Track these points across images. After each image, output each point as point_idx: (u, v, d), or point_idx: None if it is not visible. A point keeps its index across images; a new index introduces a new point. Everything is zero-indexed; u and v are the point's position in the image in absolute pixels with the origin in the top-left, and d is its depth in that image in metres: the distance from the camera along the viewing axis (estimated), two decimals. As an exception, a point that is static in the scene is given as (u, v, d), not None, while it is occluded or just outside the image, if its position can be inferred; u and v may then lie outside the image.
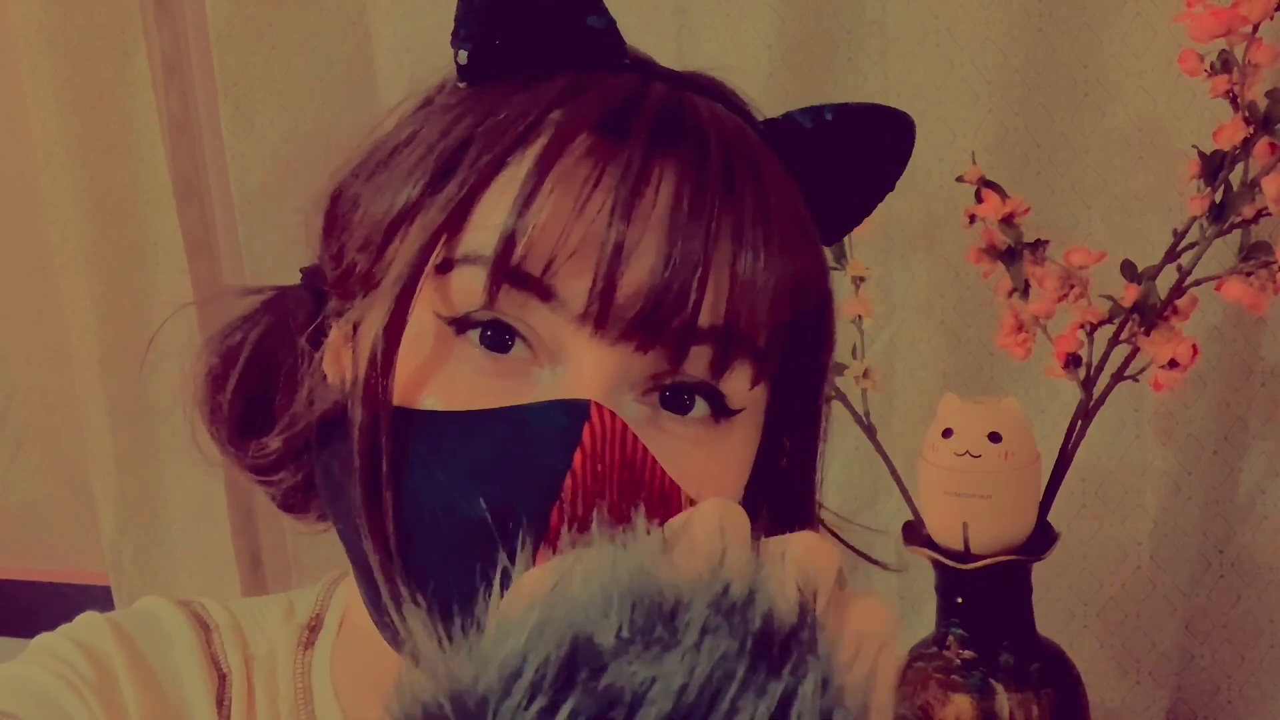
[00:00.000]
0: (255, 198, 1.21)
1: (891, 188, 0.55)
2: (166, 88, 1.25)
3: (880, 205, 0.56)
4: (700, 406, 0.47)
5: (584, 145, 0.46)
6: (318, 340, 0.53)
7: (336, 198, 0.53)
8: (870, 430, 0.95)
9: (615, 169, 0.45)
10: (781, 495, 0.53)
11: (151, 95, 1.23)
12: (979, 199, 0.89)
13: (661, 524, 0.35)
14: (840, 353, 0.95)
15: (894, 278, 1.06)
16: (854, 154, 0.53)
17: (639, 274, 0.44)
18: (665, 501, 0.45)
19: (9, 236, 1.40)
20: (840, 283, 0.95)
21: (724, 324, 0.46)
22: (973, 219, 0.89)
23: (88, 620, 0.57)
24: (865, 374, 0.96)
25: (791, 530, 0.53)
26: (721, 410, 0.48)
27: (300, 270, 0.56)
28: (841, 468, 1.09)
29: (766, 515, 0.51)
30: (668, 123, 0.47)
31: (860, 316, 0.95)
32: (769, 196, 0.48)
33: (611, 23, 0.50)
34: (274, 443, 0.52)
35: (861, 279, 0.94)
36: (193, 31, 1.24)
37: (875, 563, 0.63)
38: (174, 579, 1.34)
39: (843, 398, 0.95)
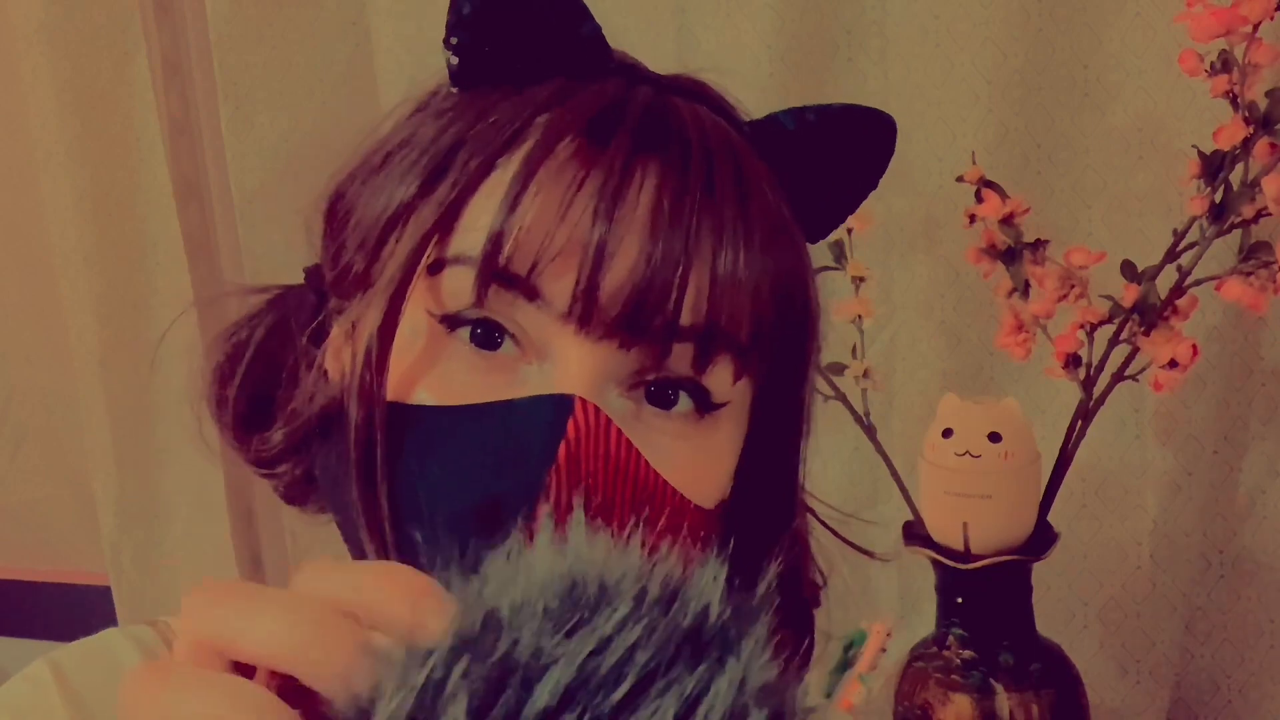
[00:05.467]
0: (255, 198, 1.21)
1: (873, 187, 0.56)
2: (166, 88, 1.25)
3: (880, 205, 0.57)
4: (684, 401, 0.48)
5: (569, 149, 0.47)
6: (320, 338, 0.54)
7: (336, 199, 0.54)
8: (870, 430, 0.95)
9: (599, 172, 0.46)
10: (767, 489, 0.54)
11: (151, 95, 1.23)
12: (979, 199, 0.88)
13: (645, 516, 0.35)
14: (840, 353, 0.96)
15: (894, 278, 1.06)
16: (836, 154, 0.54)
17: (621, 274, 0.46)
18: (650, 493, 0.46)
19: (9, 236, 1.40)
20: (840, 283, 0.95)
21: (705, 321, 0.47)
22: (973, 219, 0.89)
23: (35, 674, 0.59)
24: (865, 374, 0.96)
25: (775, 524, 0.54)
26: (705, 405, 0.49)
27: (304, 270, 0.57)
28: (841, 468, 1.09)
29: (752, 509, 0.53)
30: (651, 126, 0.48)
31: (860, 316, 0.95)
32: (750, 197, 0.49)
33: (597, 29, 0.51)
34: (276, 437, 0.54)
35: (861, 279, 0.94)
36: (193, 31, 1.24)
37: (871, 555, 0.64)
38: (174, 579, 1.34)
39: (843, 398, 0.95)
